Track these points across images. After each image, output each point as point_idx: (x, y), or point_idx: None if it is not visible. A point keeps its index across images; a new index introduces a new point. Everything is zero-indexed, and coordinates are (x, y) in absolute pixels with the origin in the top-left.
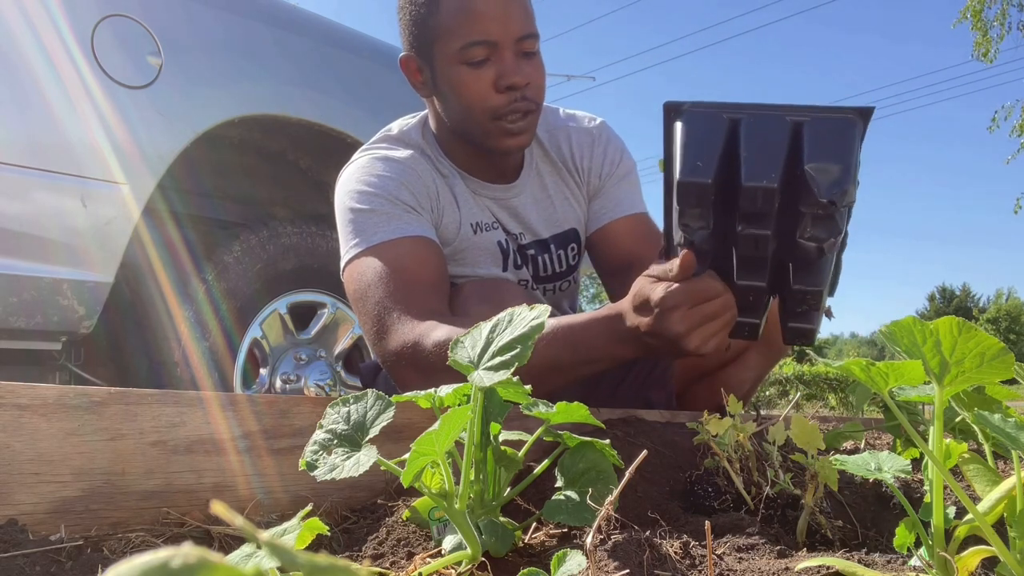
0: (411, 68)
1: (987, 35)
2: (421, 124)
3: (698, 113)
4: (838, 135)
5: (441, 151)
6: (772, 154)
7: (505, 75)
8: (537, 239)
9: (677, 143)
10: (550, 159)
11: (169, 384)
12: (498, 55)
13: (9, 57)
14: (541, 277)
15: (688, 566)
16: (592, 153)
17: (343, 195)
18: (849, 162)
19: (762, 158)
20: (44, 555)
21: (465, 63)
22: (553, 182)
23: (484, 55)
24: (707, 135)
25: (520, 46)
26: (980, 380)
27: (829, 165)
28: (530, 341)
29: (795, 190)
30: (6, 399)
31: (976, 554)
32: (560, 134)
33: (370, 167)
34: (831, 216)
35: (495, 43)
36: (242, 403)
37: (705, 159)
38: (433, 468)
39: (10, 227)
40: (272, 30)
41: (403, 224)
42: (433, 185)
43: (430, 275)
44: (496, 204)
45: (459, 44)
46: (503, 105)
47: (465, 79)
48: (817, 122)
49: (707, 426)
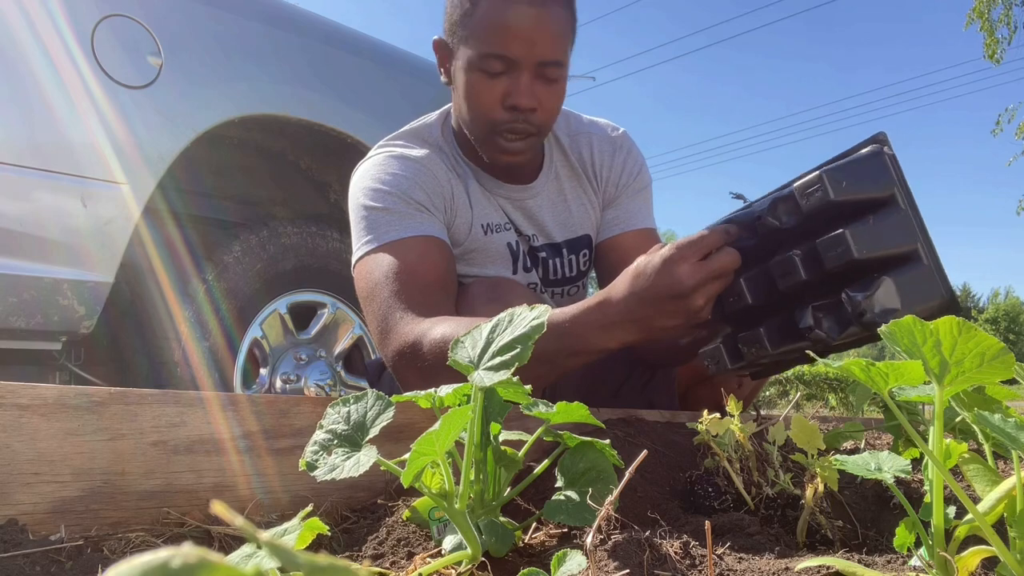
0: (441, 53)
1: (993, 35)
2: (443, 118)
3: (885, 164)
4: (921, 290)
5: (459, 147)
6: (883, 242)
7: (513, 94)
8: (550, 242)
9: (848, 158)
10: (570, 164)
11: (169, 384)
12: (515, 72)
13: (9, 57)
14: (551, 280)
15: (688, 566)
16: (612, 162)
17: (357, 192)
18: (904, 313)
19: (875, 237)
20: (44, 555)
21: (481, 70)
22: (571, 187)
23: (501, 69)
24: (870, 179)
25: (541, 71)
26: (980, 380)
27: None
28: (530, 341)
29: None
30: (6, 399)
31: (976, 554)
32: (582, 140)
33: (386, 165)
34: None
35: (515, 60)
36: (242, 403)
37: (850, 187)
38: (433, 468)
39: (10, 227)
40: (272, 30)
41: (415, 223)
42: (448, 185)
43: (437, 275)
44: (511, 204)
45: (481, 51)
46: (503, 122)
47: (477, 86)
48: (926, 270)
49: (707, 426)
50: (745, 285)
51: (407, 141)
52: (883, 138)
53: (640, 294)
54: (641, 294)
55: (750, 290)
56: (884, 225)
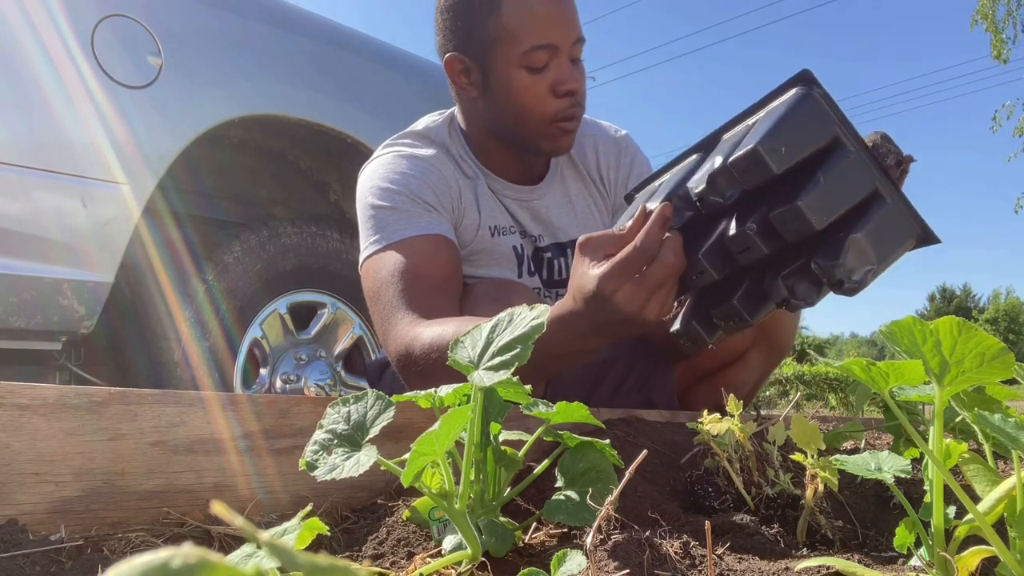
0: (456, 69)
1: (1000, 35)
2: (448, 122)
3: (818, 105)
4: (893, 236)
5: (469, 150)
6: (840, 200)
7: (564, 81)
8: (556, 242)
9: (777, 111)
10: (575, 166)
11: (169, 384)
12: (557, 60)
13: (9, 57)
14: (555, 281)
15: (688, 566)
16: (619, 164)
17: (365, 191)
18: (885, 265)
19: (830, 197)
20: (44, 555)
21: (526, 67)
22: (577, 189)
23: (546, 60)
24: (808, 130)
25: (573, 51)
26: (980, 380)
27: (871, 253)
28: (530, 341)
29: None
30: (6, 399)
31: (976, 554)
32: (587, 142)
33: (394, 164)
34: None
35: (556, 47)
36: (242, 403)
37: (790, 151)
38: (433, 468)
39: (10, 227)
40: (272, 30)
41: (423, 223)
42: (456, 186)
43: (441, 275)
44: (518, 205)
45: (522, 48)
46: (561, 110)
47: (525, 83)
48: (891, 210)
49: (707, 426)
50: (706, 261)
51: (415, 141)
52: (808, 75)
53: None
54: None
55: (712, 265)
56: (836, 178)
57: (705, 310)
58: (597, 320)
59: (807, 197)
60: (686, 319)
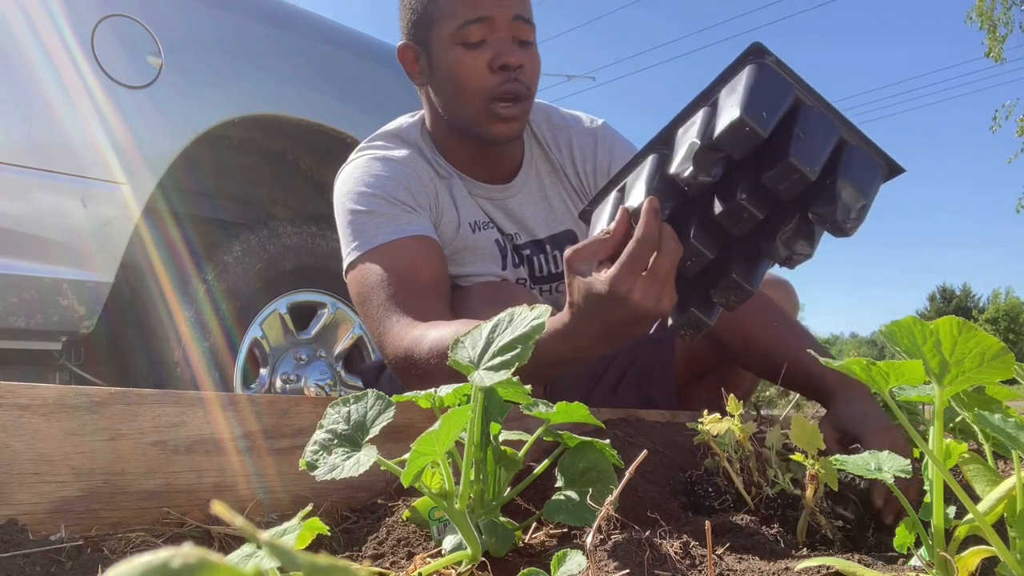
0: (408, 57)
1: (994, 34)
2: (419, 123)
3: (775, 71)
4: (869, 173)
5: (438, 151)
6: (821, 149)
7: (500, 55)
8: (533, 239)
9: (740, 84)
10: (550, 161)
11: (169, 384)
12: (494, 36)
13: (9, 57)
14: (537, 277)
15: (688, 566)
16: (596, 155)
17: (342, 196)
18: (871, 200)
19: (814, 148)
20: (44, 555)
21: (461, 43)
22: (551, 182)
23: (481, 35)
24: (775, 94)
25: (515, 29)
26: (980, 380)
27: (858, 192)
28: (530, 341)
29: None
30: (6, 399)
31: (976, 554)
32: (560, 135)
33: (368, 167)
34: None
35: (490, 19)
36: (242, 403)
37: (769, 114)
38: (433, 468)
39: (10, 227)
40: (272, 30)
41: (403, 224)
42: (432, 185)
43: (429, 275)
44: (492, 204)
45: (456, 24)
46: (496, 85)
47: (461, 59)
48: (857, 150)
49: (707, 426)
50: (699, 243)
51: (387, 142)
52: (759, 47)
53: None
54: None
55: (706, 246)
56: (812, 131)
57: (697, 294)
58: (610, 325)
59: (796, 152)
60: (681, 309)
